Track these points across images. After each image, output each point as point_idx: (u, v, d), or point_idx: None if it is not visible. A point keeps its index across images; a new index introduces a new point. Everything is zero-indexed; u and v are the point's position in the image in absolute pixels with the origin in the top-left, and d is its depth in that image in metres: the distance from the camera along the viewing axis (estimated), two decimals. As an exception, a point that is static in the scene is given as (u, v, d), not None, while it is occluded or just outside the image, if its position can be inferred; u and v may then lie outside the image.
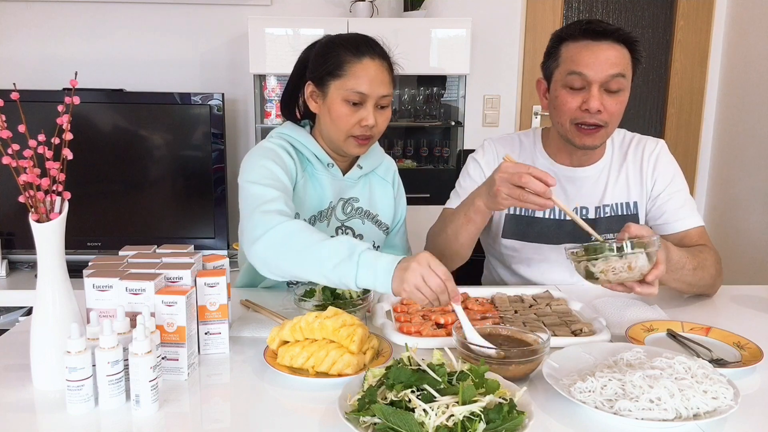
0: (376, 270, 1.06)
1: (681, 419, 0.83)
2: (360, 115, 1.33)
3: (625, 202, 1.53)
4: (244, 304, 1.31)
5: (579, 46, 1.37)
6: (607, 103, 1.36)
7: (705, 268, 1.37)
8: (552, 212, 1.53)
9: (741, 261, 3.25)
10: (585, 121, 1.38)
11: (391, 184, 1.59)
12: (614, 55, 1.35)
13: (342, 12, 3.26)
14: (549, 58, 1.44)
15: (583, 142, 1.41)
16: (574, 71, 1.36)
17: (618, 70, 1.34)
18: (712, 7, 3.45)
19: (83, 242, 2.82)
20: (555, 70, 1.41)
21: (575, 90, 1.37)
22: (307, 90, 1.39)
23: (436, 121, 3.45)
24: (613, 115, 1.38)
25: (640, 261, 1.12)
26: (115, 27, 3.20)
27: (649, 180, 1.52)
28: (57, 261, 0.96)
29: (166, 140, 2.90)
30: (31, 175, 0.93)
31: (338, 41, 1.36)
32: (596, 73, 1.34)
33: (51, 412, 0.89)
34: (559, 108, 1.41)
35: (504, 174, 1.20)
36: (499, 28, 3.38)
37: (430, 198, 3.10)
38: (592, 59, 1.34)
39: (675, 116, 3.58)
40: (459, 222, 1.36)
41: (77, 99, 0.95)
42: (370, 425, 0.78)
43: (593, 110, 1.35)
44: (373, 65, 1.33)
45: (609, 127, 1.40)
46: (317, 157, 1.43)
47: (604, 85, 1.35)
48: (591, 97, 1.35)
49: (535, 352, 0.97)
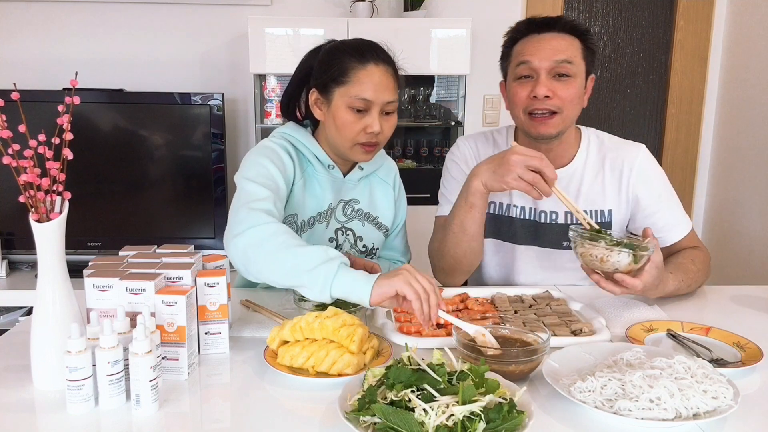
0: (355, 276, 1.05)
1: (681, 419, 0.83)
2: (365, 122, 1.31)
3: (599, 210, 1.49)
4: (244, 304, 1.31)
5: (526, 40, 1.42)
6: (556, 89, 1.37)
7: (697, 280, 1.42)
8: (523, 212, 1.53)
9: (741, 261, 3.25)
10: (536, 107, 1.39)
11: (392, 186, 1.58)
12: (560, 43, 1.38)
13: (342, 12, 3.26)
14: (504, 59, 1.49)
15: (537, 131, 1.41)
16: (522, 61, 1.40)
17: (564, 56, 1.37)
18: (712, 7, 3.45)
19: (83, 242, 2.81)
20: (508, 68, 1.45)
21: (524, 79, 1.40)
22: (311, 97, 1.38)
23: (436, 121, 3.45)
24: (565, 101, 1.38)
25: (621, 258, 1.17)
26: (115, 27, 3.20)
27: (630, 191, 1.48)
28: (57, 261, 0.96)
29: (166, 140, 2.90)
30: (32, 175, 0.93)
31: (342, 47, 1.35)
32: (541, 60, 1.37)
33: (51, 412, 0.89)
34: (512, 100, 1.44)
35: (520, 156, 1.23)
36: (499, 28, 3.32)
37: (430, 198, 3.10)
38: (537, 48, 1.38)
39: (675, 116, 3.58)
40: (462, 213, 1.37)
41: (77, 99, 0.95)
42: (370, 425, 0.78)
43: (540, 95, 1.37)
44: (378, 71, 1.31)
45: (564, 113, 1.39)
46: (318, 158, 1.42)
47: (552, 72, 1.37)
48: (538, 83, 1.37)
49: (535, 351, 0.97)
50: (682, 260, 1.41)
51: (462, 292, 1.36)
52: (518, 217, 1.53)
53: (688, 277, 1.38)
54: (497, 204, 1.55)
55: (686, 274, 1.37)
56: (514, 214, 1.53)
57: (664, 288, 1.29)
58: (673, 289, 1.33)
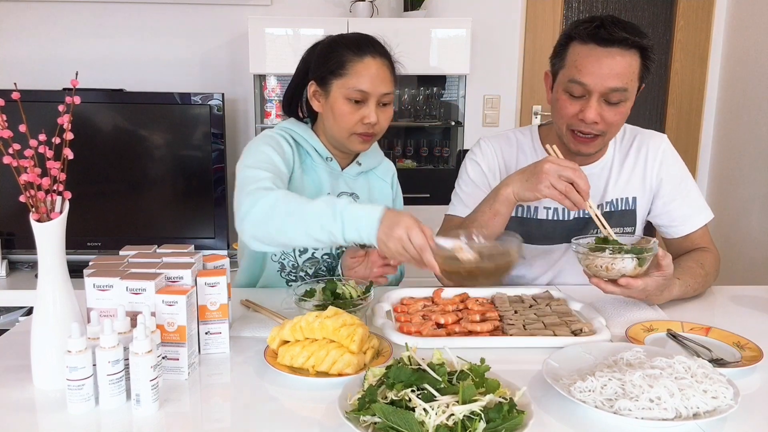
0: (359, 225, 1.08)
1: (681, 419, 0.83)
2: (362, 113, 1.35)
3: (624, 197, 1.52)
4: (244, 304, 1.31)
5: (585, 51, 1.32)
6: (605, 114, 1.34)
7: (705, 283, 1.41)
8: (555, 213, 1.52)
9: (741, 261, 3.25)
10: (581, 129, 1.37)
11: (390, 185, 1.61)
12: (620, 64, 1.30)
13: (342, 12, 3.26)
14: (556, 55, 1.40)
15: (577, 148, 1.41)
16: (575, 80, 1.32)
17: (620, 83, 1.30)
18: (712, 7, 3.46)
19: (83, 242, 2.82)
20: (560, 70, 1.39)
21: (574, 97, 1.35)
22: (310, 90, 1.42)
23: (436, 121, 3.45)
24: (611, 126, 1.37)
25: (626, 264, 1.17)
26: (115, 27, 3.20)
27: (654, 178, 1.51)
28: (57, 261, 0.96)
29: (166, 140, 2.90)
30: (32, 174, 0.93)
31: (340, 41, 1.38)
32: (596, 84, 1.30)
33: (51, 411, 0.89)
34: (558, 111, 1.40)
35: (553, 165, 1.22)
36: (499, 28, 3.38)
37: (430, 198, 3.11)
38: (595, 68, 1.30)
39: (675, 116, 3.58)
40: (484, 219, 1.33)
41: (78, 99, 0.95)
42: (371, 425, 0.78)
43: (588, 121, 1.34)
44: (375, 63, 1.35)
45: (607, 135, 1.39)
46: (316, 150, 1.46)
47: (604, 96, 1.32)
48: (588, 107, 1.32)
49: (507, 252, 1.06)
50: (690, 264, 1.41)
51: (462, 292, 1.36)
52: (549, 219, 1.52)
53: (695, 281, 1.37)
54: (525, 207, 1.53)
55: (694, 278, 1.37)
56: (543, 215, 1.52)
57: (670, 294, 1.29)
58: (679, 294, 1.33)
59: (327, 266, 1.50)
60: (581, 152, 1.42)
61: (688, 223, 1.51)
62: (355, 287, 1.26)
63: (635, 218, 1.52)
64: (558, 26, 3.45)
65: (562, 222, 1.52)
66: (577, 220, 1.51)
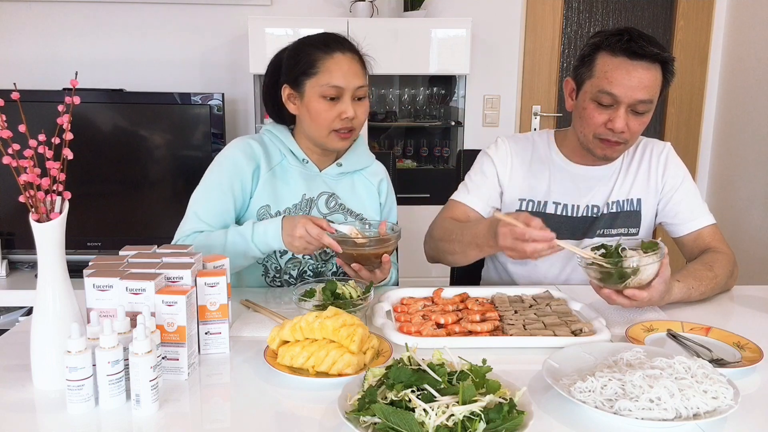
0: (267, 240, 1.31)
1: (681, 419, 0.83)
2: (339, 109, 1.37)
3: (629, 199, 1.56)
4: (244, 304, 1.31)
5: (615, 63, 1.37)
6: (631, 123, 1.40)
7: (715, 286, 1.40)
8: (564, 209, 1.55)
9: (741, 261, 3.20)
10: (608, 138, 1.42)
11: (377, 188, 1.58)
12: (647, 77, 1.36)
13: (342, 12, 3.26)
14: (583, 64, 1.44)
15: (604, 153, 1.46)
16: (605, 90, 1.37)
17: (648, 95, 1.37)
18: (712, 7, 3.46)
19: (83, 242, 2.81)
20: (587, 80, 1.42)
21: (603, 106, 1.40)
22: (284, 93, 1.43)
23: (436, 121, 3.45)
24: (634, 134, 1.43)
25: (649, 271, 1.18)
26: (115, 27, 3.20)
27: (659, 180, 1.56)
28: (57, 261, 0.96)
29: (166, 140, 2.90)
30: (32, 174, 0.93)
31: (307, 42, 1.41)
32: (626, 95, 1.36)
33: (51, 411, 0.89)
34: (585, 120, 1.44)
35: (506, 241, 1.22)
36: (499, 28, 3.38)
37: (430, 198, 3.11)
38: (625, 80, 1.35)
39: (675, 116, 3.58)
40: (471, 246, 1.39)
41: (77, 99, 0.95)
42: (370, 425, 0.78)
43: (617, 130, 1.39)
44: (345, 59, 1.37)
45: (629, 143, 1.45)
46: (292, 152, 1.47)
47: (631, 107, 1.38)
48: (617, 117, 1.38)
49: (387, 239, 1.32)
50: (696, 266, 1.41)
51: (462, 292, 1.36)
52: (558, 214, 1.55)
53: (702, 284, 1.36)
54: (535, 202, 1.56)
55: (699, 281, 1.36)
56: (552, 210, 1.55)
57: (669, 297, 1.29)
58: (681, 297, 1.32)
59: (312, 269, 1.51)
60: (607, 157, 1.48)
61: (696, 220, 1.54)
62: (355, 287, 1.26)
63: (640, 219, 1.56)
64: (558, 26, 3.45)
65: (571, 218, 1.55)
66: (584, 218, 1.55)
